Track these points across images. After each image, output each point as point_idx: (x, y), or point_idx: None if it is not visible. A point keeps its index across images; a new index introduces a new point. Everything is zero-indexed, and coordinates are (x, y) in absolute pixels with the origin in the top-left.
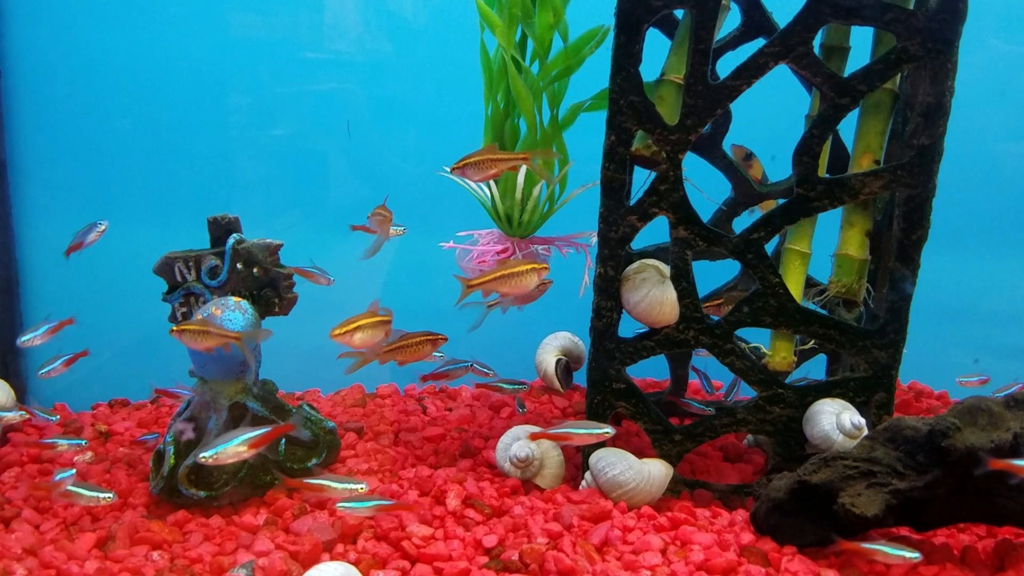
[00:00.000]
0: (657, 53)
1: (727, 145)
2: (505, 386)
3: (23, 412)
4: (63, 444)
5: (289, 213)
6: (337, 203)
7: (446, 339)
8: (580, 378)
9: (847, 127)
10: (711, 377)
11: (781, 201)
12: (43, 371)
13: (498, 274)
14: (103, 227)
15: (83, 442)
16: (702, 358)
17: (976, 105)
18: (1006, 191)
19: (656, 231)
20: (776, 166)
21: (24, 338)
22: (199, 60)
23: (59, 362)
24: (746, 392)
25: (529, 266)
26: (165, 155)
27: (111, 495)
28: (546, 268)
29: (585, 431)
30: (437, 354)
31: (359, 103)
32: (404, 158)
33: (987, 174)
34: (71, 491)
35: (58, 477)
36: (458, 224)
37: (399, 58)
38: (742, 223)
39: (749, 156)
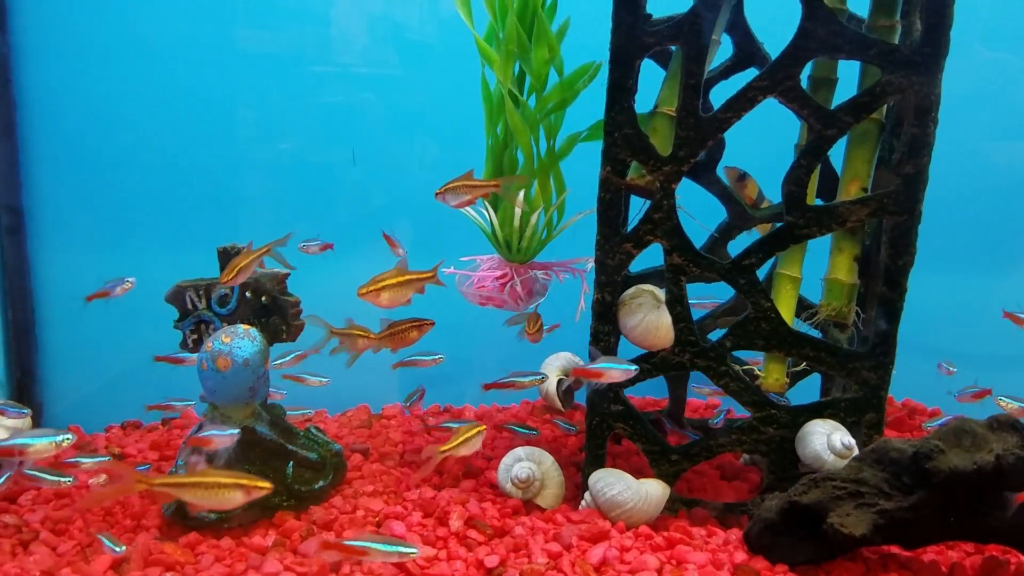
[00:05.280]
0: (652, 82)
1: (720, 169)
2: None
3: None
4: (86, 462)
5: (296, 227)
6: (344, 216)
7: (432, 324)
8: (580, 398)
9: (837, 150)
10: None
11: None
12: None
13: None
14: (130, 284)
15: (107, 458)
16: None
17: (962, 112)
18: (995, 199)
19: (654, 253)
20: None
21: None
22: (208, 76)
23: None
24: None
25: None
26: (174, 173)
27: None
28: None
29: None
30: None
31: (366, 116)
32: (413, 173)
33: (976, 181)
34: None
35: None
36: (464, 247)
37: (406, 70)
38: (741, 244)
39: (743, 177)
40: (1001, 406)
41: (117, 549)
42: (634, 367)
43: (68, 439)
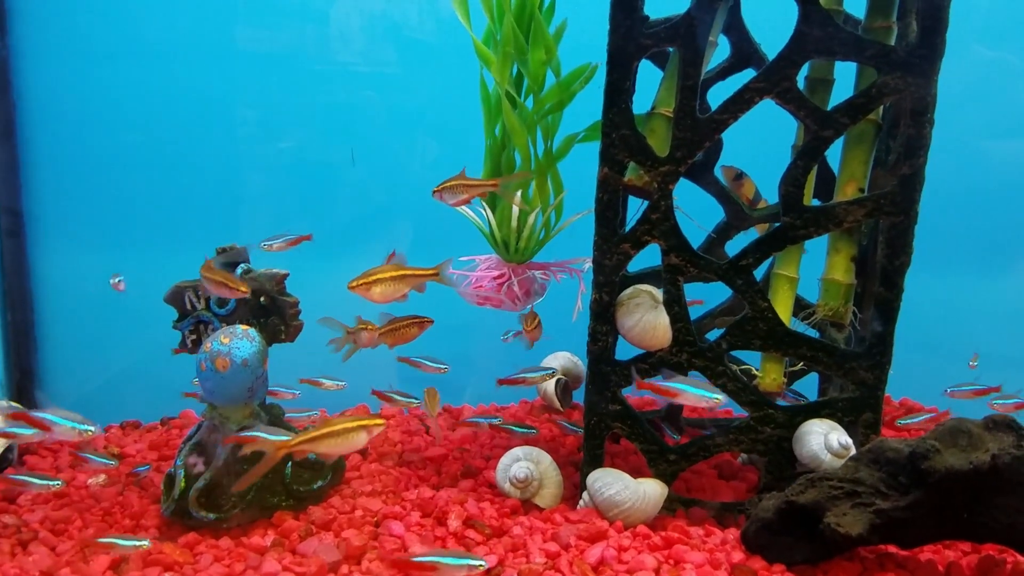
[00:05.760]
0: (650, 83)
1: (717, 168)
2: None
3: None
4: (96, 460)
5: (295, 225)
6: (344, 215)
7: (432, 322)
8: (580, 397)
9: (834, 151)
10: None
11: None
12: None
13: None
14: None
15: (114, 462)
16: None
17: (959, 111)
18: (993, 198)
19: (652, 253)
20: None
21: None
22: (208, 75)
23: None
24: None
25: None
26: (173, 172)
27: (60, 482)
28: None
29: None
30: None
31: (366, 115)
32: (413, 171)
33: (974, 180)
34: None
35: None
36: (464, 247)
37: (406, 69)
38: (739, 244)
39: (740, 176)
40: (995, 408)
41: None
42: (719, 396)
43: (91, 431)
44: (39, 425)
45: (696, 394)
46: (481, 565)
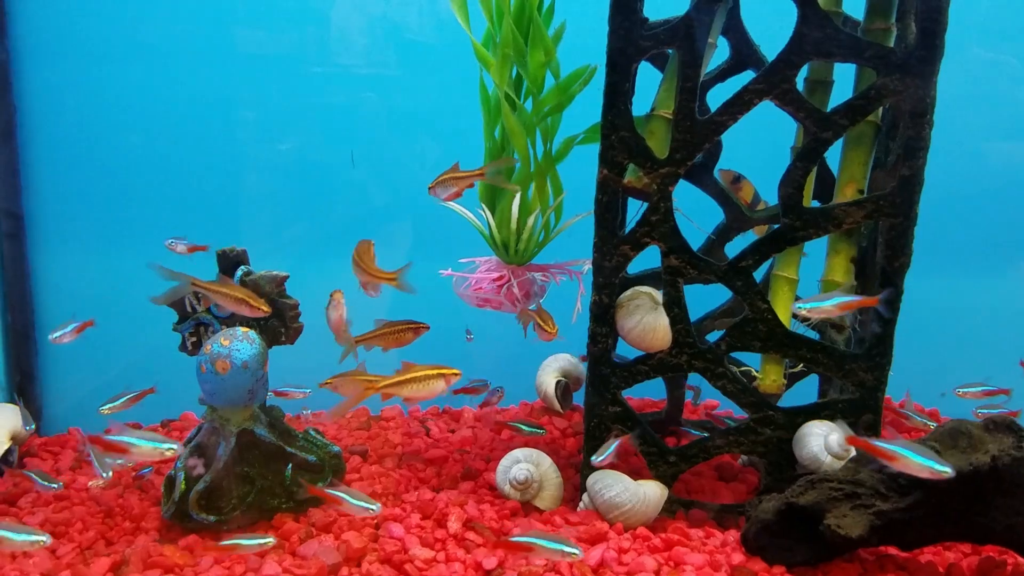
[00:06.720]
0: (649, 84)
1: (716, 170)
2: None
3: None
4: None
5: (295, 227)
6: (344, 217)
7: (427, 327)
8: (580, 398)
9: (834, 153)
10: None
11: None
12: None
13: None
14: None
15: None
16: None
17: (960, 112)
18: (992, 200)
19: (652, 255)
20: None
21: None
22: (208, 77)
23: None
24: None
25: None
26: (174, 174)
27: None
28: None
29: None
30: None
31: (366, 116)
32: (413, 173)
33: (973, 181)
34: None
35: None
36: (464, 248)
37: (406, 71)
38: (739, 246)
39: (738, 179)
40: (978, 416)
41: None
42: (947, 468)
43: (173, 450)
44: (117, 449)
45: (919, 462)
46: (576, 554)
